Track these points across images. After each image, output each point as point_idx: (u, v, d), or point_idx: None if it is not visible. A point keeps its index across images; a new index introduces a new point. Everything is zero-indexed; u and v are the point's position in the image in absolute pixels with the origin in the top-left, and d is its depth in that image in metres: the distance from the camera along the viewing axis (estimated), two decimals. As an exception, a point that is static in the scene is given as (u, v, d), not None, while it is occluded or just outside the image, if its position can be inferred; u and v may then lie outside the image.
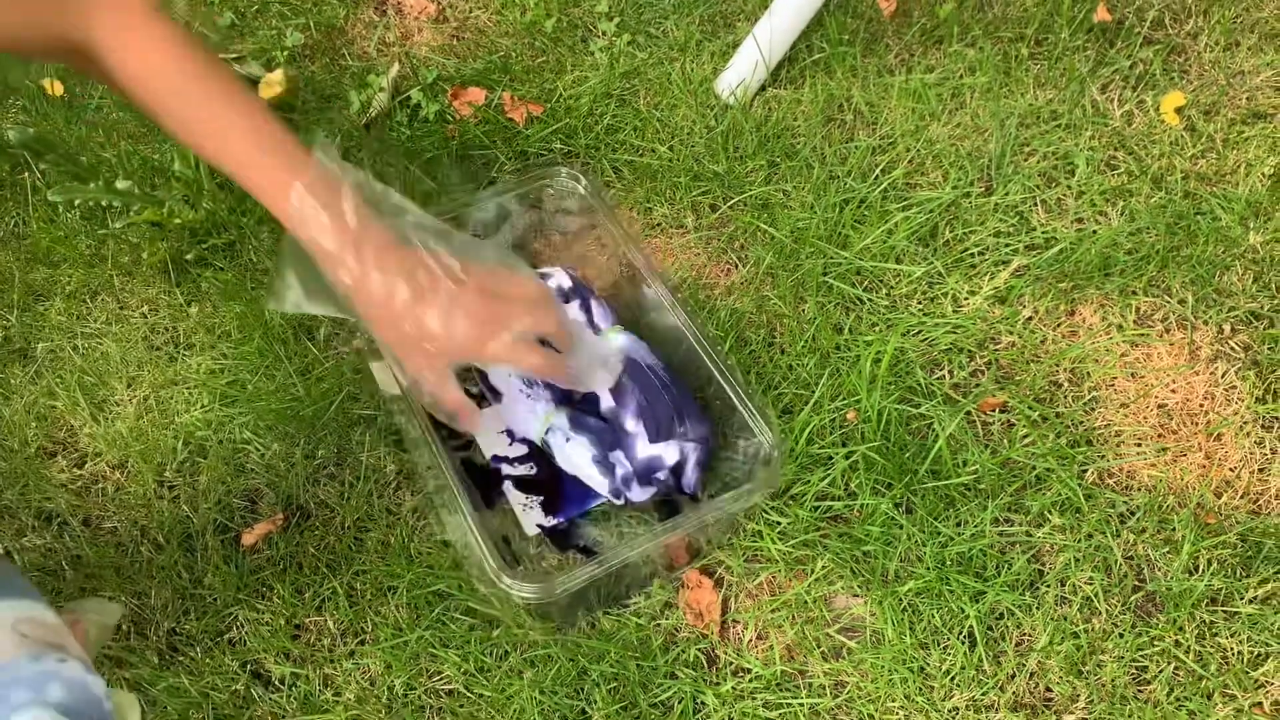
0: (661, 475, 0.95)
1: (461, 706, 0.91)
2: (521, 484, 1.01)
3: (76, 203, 1.21)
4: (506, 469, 1.02)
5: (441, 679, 0.93)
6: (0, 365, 1.13)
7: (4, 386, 1.11)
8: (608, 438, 0.98)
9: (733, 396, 0.93)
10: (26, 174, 1.25)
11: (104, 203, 1.20)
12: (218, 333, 1.14)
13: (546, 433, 0.99)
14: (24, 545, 1.01)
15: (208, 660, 0.94)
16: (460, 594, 0.95)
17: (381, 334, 0.75)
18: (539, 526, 0.98)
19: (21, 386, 1.11)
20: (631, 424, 0.96)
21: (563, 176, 1.06)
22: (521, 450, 1.03)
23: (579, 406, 1.01)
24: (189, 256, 1.18)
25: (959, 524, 0.99)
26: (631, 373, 0.98)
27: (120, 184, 1.17)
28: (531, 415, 1.01)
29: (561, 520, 0.99)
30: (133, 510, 1.03)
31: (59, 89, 1.34)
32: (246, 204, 1.20)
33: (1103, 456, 1.03)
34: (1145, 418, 1.06)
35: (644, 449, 0.96)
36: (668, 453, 0.95)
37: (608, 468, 0.97)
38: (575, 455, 0.98)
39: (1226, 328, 1.11)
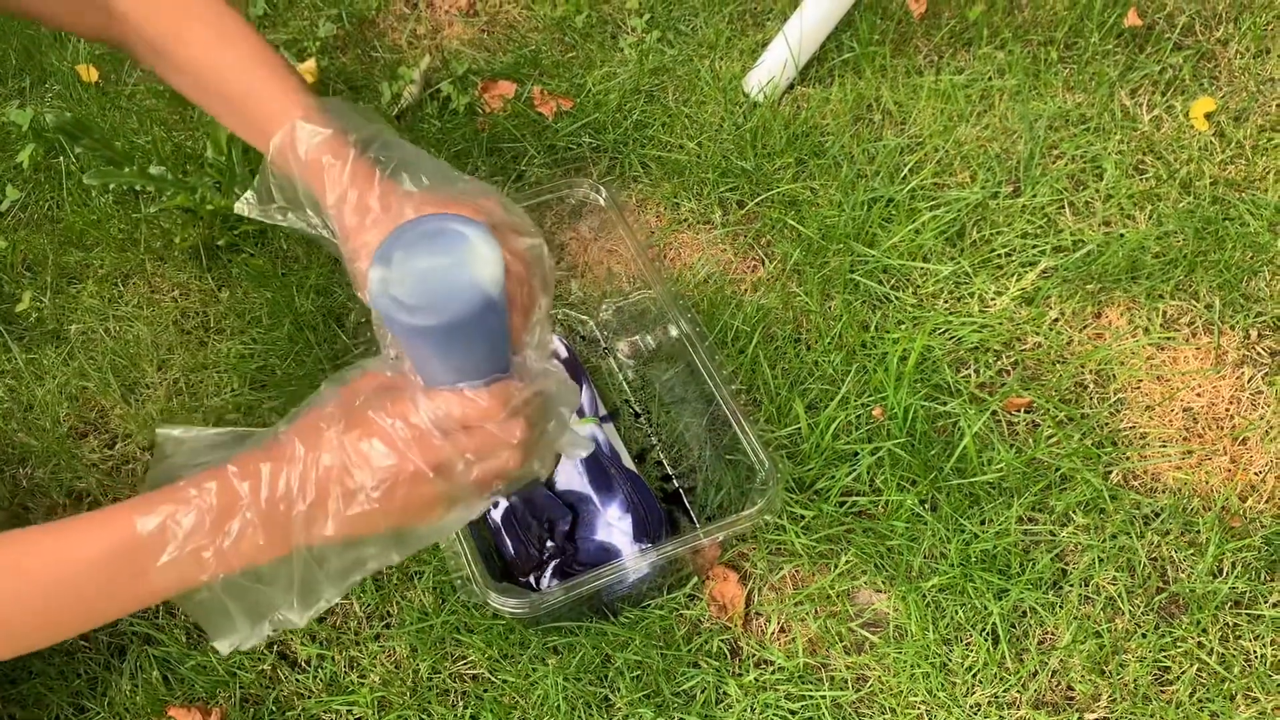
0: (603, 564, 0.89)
1: (486, 691, 0.92)
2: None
3: (110, 187, 1.23)
4: None
5: (466, 663, 0.93)
6: (34, 346, 1.14)
7: (37, 367, 1.12)
8: (546, 508, 0.95)
9: (732, 420, 0.92)
10: (61, 158, 1.26)
11: (137, 187, 1.22)
12: (248, 318, 1.15)
13: None
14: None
15: (235, 640, 0.95)
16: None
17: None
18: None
19: (54, 367, 1.12)
20: (616, 514, 0.94)
21: (585, 187, 1.07)
22: None
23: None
24: (220, 242, 1.19)
25: (983, 522, 0.99)
26: (618, 469, 0.97)
27: (153, 169, 1.18)
28: None
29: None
30: (162, 491, 1.04)
31: (94, 75, 1.35)
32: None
33: (1128, 458, 1.03)
34: (1171, 420, 1.06)
35: (618, 539, 0.93)
36: (635, 554, 0.91)
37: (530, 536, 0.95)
38: (495, 511, 0.96)
39: (1253, 333, 1.11)
